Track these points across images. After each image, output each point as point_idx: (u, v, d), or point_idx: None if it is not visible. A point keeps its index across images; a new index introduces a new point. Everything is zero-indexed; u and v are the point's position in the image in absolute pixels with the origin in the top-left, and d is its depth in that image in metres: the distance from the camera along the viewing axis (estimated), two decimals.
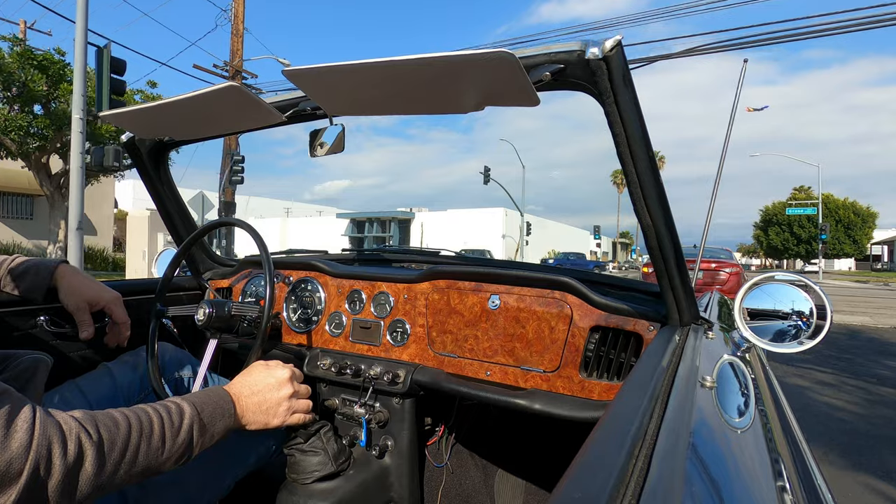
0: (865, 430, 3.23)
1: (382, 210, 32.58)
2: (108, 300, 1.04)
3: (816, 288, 0.92)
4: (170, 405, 0.68)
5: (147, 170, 1.25)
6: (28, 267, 0.97)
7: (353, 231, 33.18)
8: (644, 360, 0.73)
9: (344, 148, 0.97)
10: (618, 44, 0.64)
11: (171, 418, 0.66)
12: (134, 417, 0.62)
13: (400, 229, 31.48)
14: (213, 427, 0.71)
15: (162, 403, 0.68)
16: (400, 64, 0.65)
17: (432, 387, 1.13)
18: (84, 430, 0.55)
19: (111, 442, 0.57)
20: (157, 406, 0.66)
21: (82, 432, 0.55)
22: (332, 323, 1.30)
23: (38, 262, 0.99)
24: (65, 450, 0.53)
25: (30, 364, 0.74)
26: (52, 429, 0.52)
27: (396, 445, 1.19)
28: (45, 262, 0.99)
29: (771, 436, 0.64)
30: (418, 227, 30.97)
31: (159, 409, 0.66)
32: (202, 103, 0.89)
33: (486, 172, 20.21)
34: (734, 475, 0.48)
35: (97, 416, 0.59)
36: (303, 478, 1.03)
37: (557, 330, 1.05)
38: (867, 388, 4.28)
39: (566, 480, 0.38)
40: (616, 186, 55.92)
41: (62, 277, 1.00)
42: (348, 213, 34.02)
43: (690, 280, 0.91)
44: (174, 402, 0.69)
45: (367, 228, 31.72)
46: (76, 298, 1.00)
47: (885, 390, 4.23)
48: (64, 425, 0.54)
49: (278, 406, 0.83)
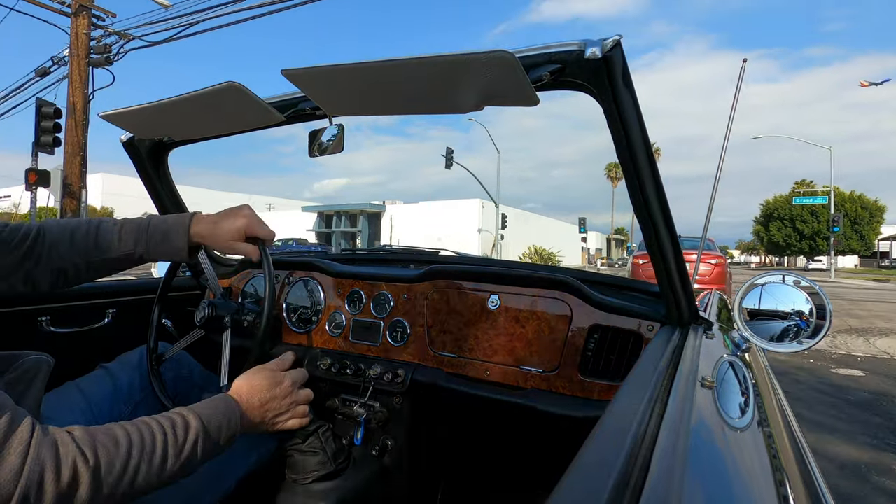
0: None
1: (351, 203, 30.08)
2: (252, 229, 0.91)
3: (816, 287, 0.92)
4: (175, 419, 0.66)
5: (147, 170, 1.25)
6: (165, 231, 0.87)
7: (320, 226, 30.86)
8: (644, 360, 0.73)
9: (343, 148, 0.97)
10: (617, 43, 0.64)
11: (176, 433, 0.65)
12: (136, 435, 0.60)
13: (370, 223, 29.37)
14: (220, 438, 0.71)
15: (167, 416, 0.66)
16: (399, 64, 0.65)
17: (432, 387, 1.13)
18: (81, 453, 0.54)
19: (109, 465, 0.56)
20: (161, 420, 0.65)
21: (79, 456, 0.53)
22: (331, 323, 1.30)
23: (171, 224, 0.88)
24: (58, 475, 0.51)
25: (32, 365, 0.74)
26: (46, 452, 0.51)
27: (396, 445, 1.19)
28: (177, 221, 0.89)
29: (771, 435, 0.64)
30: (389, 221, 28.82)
31: (164, 424, 0.64)
32: (201, 103, 0.89)
33: (447, 155, 18.09)
34: (734, 475, 0.48)
35: (97, 434, 0.57)
36: (302, 477, 1.03)
37: (557, 330, 1.05)
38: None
39: (566, 480, 0.38)
40: (610, 181, 52.96)
41: (197, 227, 0.90)
42: (315, 207, 31.30)
43: (690, 279, 0.91)
44: (181, 414, 0.68)
45: (336, 223, 29.56)
46: (223, 244, 0.91)
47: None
48: (61, 447, 0.52)
49: (278, 415, 0.83)
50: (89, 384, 0.93)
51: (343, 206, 30.07)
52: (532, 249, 27.28)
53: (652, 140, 0.76)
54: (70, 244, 0.82)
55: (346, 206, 30.04)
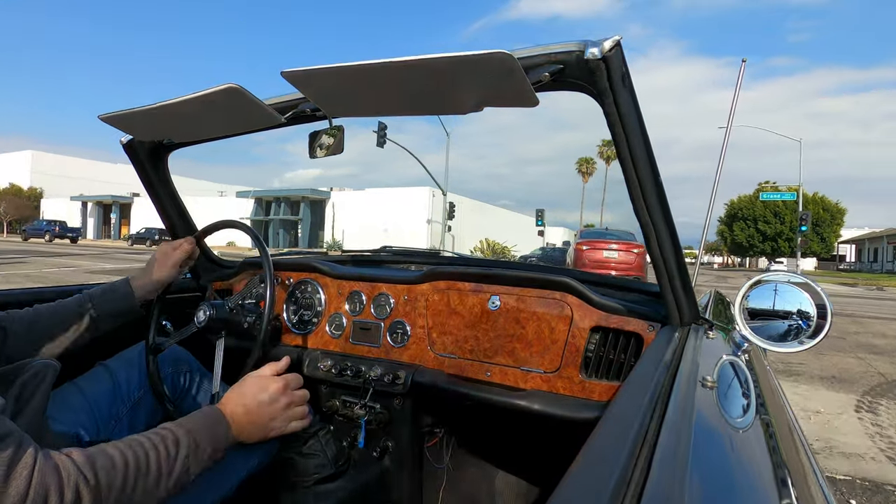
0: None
1: (291, 188, 27.42)
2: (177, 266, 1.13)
3: (817, 287, 0.92)
4: (165, 434, 0.68)
5: (146, 171, 1.25)
6: (105, 293, 1.02)
7: (257, 213, 28.11)
8: (644, 360, 0.73)
9: (344, 149, 0.97)
10: (617, 44, 0.64)
11: (168, 449, 0.66)
12: (130, 454, 0.62)
13: (313, 211, 26.64)
14: (209, 452, 0.72)
15: (157, 433, 0.68)
16: (399, 65, 0.65)
17: (432, 388, 1.13)
18: (82, 476, 0.56)
19: (108, 486, 0.57)
20: (152, 437, 0.66)
21: (80, 479, 0.55)
22: (332, 324, 1.30)
23: (106, 289, 1.03)
24: (62, 498, 0.53)
25: (40, 369, 0.76)
26: (50, 476, 0.53)
27: (397, 446, 1.19)
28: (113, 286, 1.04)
29: (772, 435, 0.63)
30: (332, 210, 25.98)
31: (155, 441, 0.66)
32: (201, 105, 0.89)
33: (380, 131, 16.00)
34: (735, 475, 0.48)
35: (95, 456, 0.59)
36: (303, 480, 1.03)
37: (557, 330, 1.05)
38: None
39: (567, 480, 0.38)
40: (581, 175, 49.53)
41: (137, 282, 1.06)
42: (253, 191, 28.37)
43: (690, 280, 0.91)
44: (170, 429, 0.69)
45: (275, 209, 26.90)
46: (154, 288, 1.09)
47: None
48: (63, 472, 0.54)
49: (272, 420, 0.83)
50: (88, 382, 0.93)
51: (283, 192, 27.21)
52: (484, 243, 24.49)
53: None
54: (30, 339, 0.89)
55: (286, 191, 27.21)
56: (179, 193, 1.35)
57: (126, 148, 1.20)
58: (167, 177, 1.30)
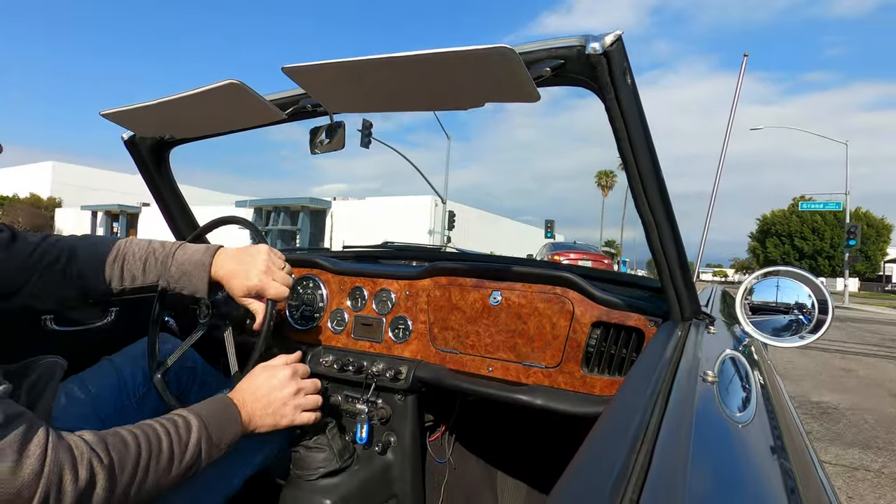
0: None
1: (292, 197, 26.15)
2: (273, 293, 0.91)
3: (817, 282, 0.92)
4: (177, 419, 0.68)
5: (148, 168, 1.25)
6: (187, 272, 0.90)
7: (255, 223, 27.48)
8: (645, 355, 0.73)
9: (344, 145, 0.97)
10: (618, 39, 0.64)
11: (179, 434, 0.66)
12: (143, 436, 0.62)
13: (313, 221, 25.26)
14: (221, 438, 0.72)
15: (169, 418, 0.68)
16: (400, 60, 0.65)
17: (434, 383, 1.13)
18: (95, 454, 0.56)
19: (121, 464, 0.58)
20: (164, 422, 0.66)
21: (94, 457, 0.55)
22: (333, 320, 1.31)
23: (195, 265, 0.90)
24: (76, 475, 0.53)
25: (47, 368, 0.76)
26: (63, 454, 0.53)
27: (399, 442, 1.19)
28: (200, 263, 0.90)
29: (772, 430, 0.64)
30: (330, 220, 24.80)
31: (167, 425, 0.66)
32: (202, 101, 0.89)
33: (364, 130, 14.21)
34: (736, 469, 0.48)
35: (107, 437, 0.59)
36: (308, 474, 1.04)
37: (559, 326, 1.05)
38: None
39: (569, 475, 0.38)
40: (601, 189, 47.56)
41: (218, 271, 0.91)
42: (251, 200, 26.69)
43: (691, 275, 0.91)
44: (181, 415, 0.69)
45: (274, 219, 25.32)
46: (235, 296, 0.92)
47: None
48: (75, 450, 0.54)
49: (284, 406, 0.83)
50: (94, 377, 0.94)
51: (283, 201, 25.58)
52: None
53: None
54: (96, 272, 0.86)
55: (286, 200, 25.66)
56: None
57: (127, 144, 1.20)
58: (169, 173, 1.30)
